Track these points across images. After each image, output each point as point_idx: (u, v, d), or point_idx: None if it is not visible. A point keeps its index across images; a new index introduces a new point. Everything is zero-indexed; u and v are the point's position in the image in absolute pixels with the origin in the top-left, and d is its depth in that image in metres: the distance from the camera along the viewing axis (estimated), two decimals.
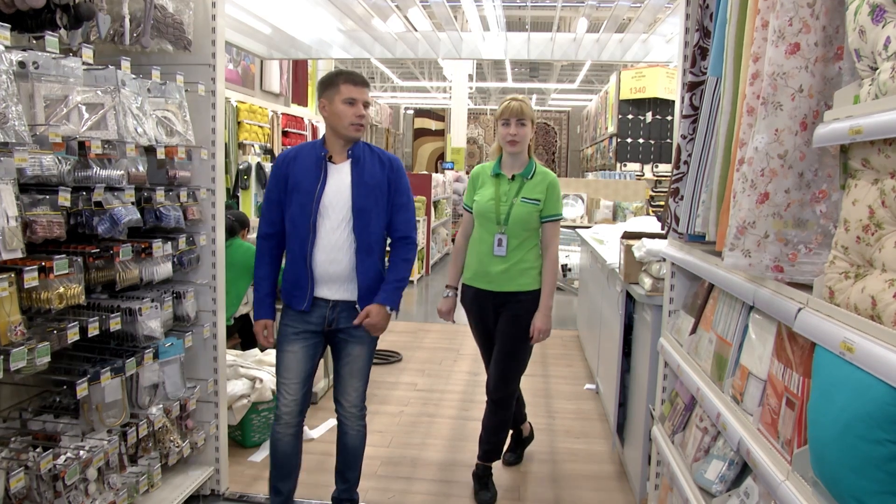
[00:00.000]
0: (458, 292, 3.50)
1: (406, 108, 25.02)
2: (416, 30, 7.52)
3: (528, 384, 5.29)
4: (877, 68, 1.30)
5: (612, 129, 13.95)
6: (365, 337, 2.96)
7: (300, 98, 10.09)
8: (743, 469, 2.12)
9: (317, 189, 2.80)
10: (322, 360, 5.10)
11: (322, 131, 14.17)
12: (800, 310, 1.51)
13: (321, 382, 4.88)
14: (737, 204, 1.72)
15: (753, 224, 1.67)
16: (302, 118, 9.45)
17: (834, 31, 1.61)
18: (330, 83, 2.81)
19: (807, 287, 1.59)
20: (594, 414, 4.72)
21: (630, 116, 12.91)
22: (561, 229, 3.44)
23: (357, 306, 2.90)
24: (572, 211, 10.08)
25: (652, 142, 12.78)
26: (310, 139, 13.84)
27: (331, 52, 7.50)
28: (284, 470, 3.02)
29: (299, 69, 9.94)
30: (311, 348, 2.95)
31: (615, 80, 13.63)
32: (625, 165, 13.01)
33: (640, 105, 12.76)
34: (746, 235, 1.68)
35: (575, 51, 7.17)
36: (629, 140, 12.99)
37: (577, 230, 7.11)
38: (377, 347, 3.12)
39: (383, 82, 20.29)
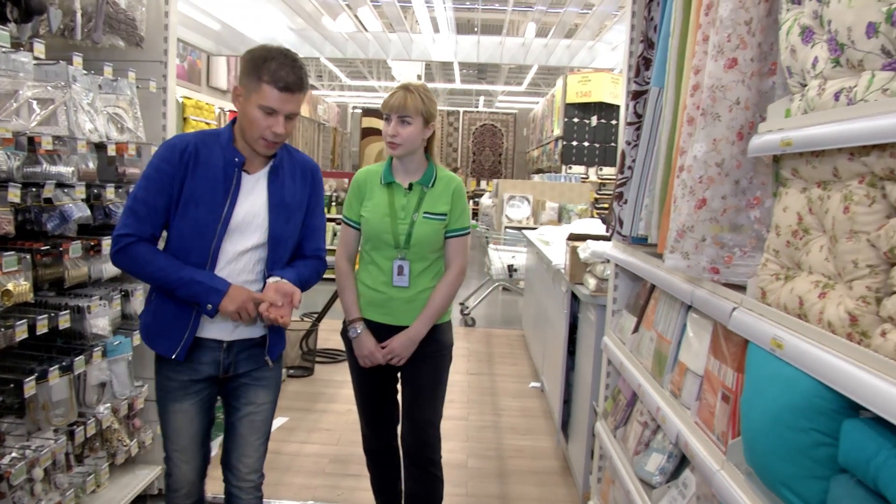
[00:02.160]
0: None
1: (354, 108, 24.95)
2: (366, 30, 7.54)
3: (473, 382, 5.41)
4: (806, 85, 1.40)
5: (557, 131, 14.15)
6: (272, 380, 2.38)
7: None
8: (681, 461, 2.23)
9: (224, 208, 2.14)
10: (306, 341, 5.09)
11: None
12: (734, 309, 1.61)
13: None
14: (677, 209, 1.82)
15: (692, 228, 1.77)
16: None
17: (769, 47, 1.71)
18: (253, 69, 2.09)
19: (741, 288, 1.69)
20: (539, 411, 4.82)
21: (576, 120, 13.11)
22: (508, 230, 3.33)
23: (266, 340, 2.31)
24: (518, 212, 10.22)
25: (597, 145, 13.02)
26: None
27: None
28: None
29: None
30: (204, 401, 2.30)
31: (561, 84, 13.83)
32: (570, 168, 13.22)
33: (585, 109, 12.99)
34: (685, 239, 1.78)
35: (524, 55, 7.32)
36: (574, 143, 13.20)
37: (523, 231, 7.23)
38: (324, 348, 2.93)
39: (331, 80, 20.20)
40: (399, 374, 2.75)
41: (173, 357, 2.18)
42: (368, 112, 21.80)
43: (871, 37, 1.17)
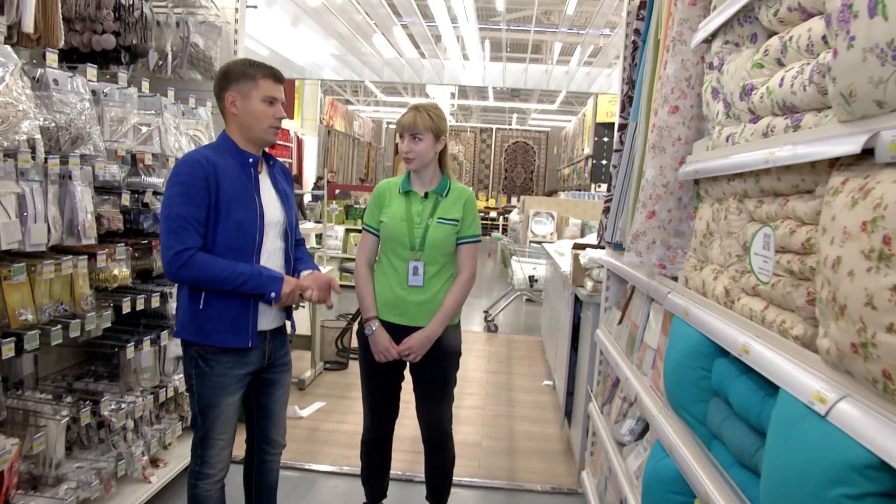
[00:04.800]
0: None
1: (388, 123, 25.64)
2: (402, 55, 8.19)
3: (492, 379, 5.96)
4: (714, 129, 1.96)
5: (588, 150, 14.57)
6: (290, 364, 2.74)
7: (286, 111, 10.70)
8: (647, 425, 2.76)
9: (256, 204, 2.42)
10: (316, 337, 5.66)
11: (308, 144, 14.59)
12: (668, 293, 2.16)
13: (307, 372, 5.48)
14: (633, 218, 2.37)
15: (644, 233, 2.32)
16: (287, 130, 10.00)
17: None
18: (243, 75, 2.38)
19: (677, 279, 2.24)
20: (549, 405, 5.35)
21: (606, 139, 13.38)
22: (532, 244, 3.58)
23: (287, 327, 2.68)
24: (543, 228, 10.78)
25: None
26: (294, 151, 14.41)
27: (322, 74, 8.14)
28: None
29: (286, 84, 10.56)
30: (244, 394, 2.59)
31: (592, 104, 14.29)
32: (599, 186, 13.54)
33: (615, 128, 13.38)
34: (639, 241, 2.33)
35: (546, 80, 7.86)
36: (604, 162, 13.47)
37: (544, 245, 7.77)
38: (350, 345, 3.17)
39: (367, 97, 20.91)
40: (407, 372, 3.00)
41: (249, 346, 2.43)
42: None
43: (742, 100, 1.72)
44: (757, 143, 1.58)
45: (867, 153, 1.06)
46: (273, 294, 2.41)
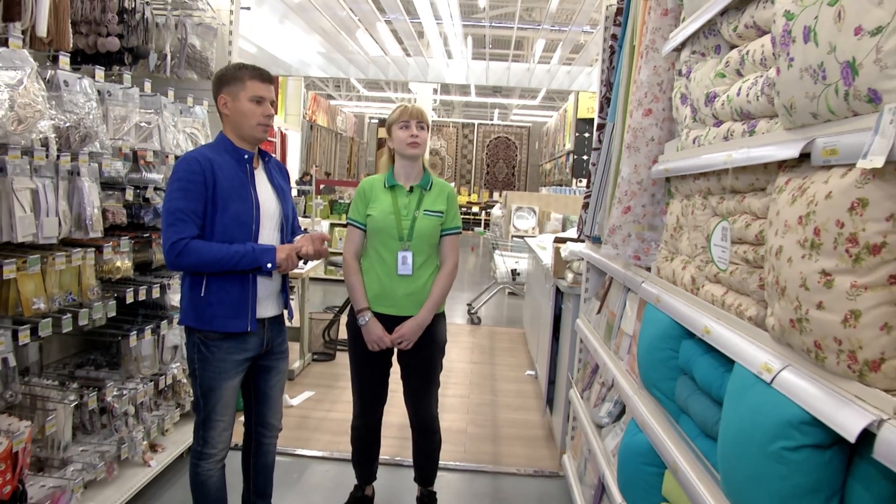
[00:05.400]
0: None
1: (370, 118, 25.73)
2: (387, 53, 8.33)
3: (475, 369, 6.14)
4: (682, 131, 2.13)
5: (569, 146, 14.74)
6: (287, 351, 2.91)
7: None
8: (624, 408, 2.94)
9: (252, 197, 2.59)
10: (304, 329, 5.81)
11: (292, 139, 14.71)
12: (642, 282, 2.34)
13: (297, 363, 5.62)
14: (610, 213, 2.55)
15: (620, 227, 2.50)
16: (271, 126, 10.10)
17: None
18: (233, 78, 2.57)
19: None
20: (532, 394, 5.53)
21: (587, 134, 13.47)
22: (515, 239, 3.74)
23: (285, 315, 2.86)
24: (525, 223, 10.97)
25: None
26: (278, 146, 14.50)
27: (309, 71, 8.25)
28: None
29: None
30: (243, 378, 2.76)
31: (573, 100, 14.47)
32: (580, 181, 13.71)
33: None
34: (615, 234, 2.50)
35: (528, 79, 8.03)
36: (585, 157, 13.59)
37: (525, 239, 7.95)
38: (344, 338, 3.20)
39: (349, 91, 21.00)
40: (396, 360, 3.15)
41: (248, 330, 2.59)
42: (385, 123, 22.54)
43: (707, 106, 1.90)
44: (718, 145, 1.76)
45: (806, 157, 1.24)
46: (269, 264, 2.56)
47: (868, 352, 1.05)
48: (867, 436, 1.01)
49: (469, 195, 23.86)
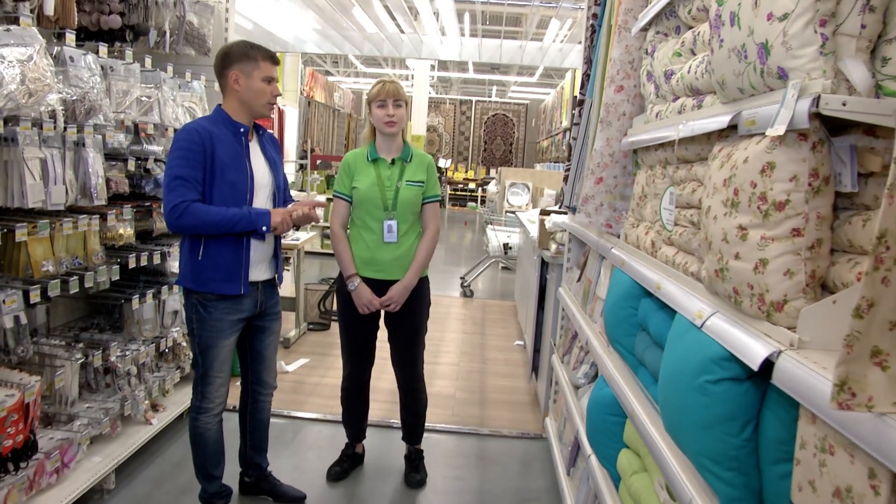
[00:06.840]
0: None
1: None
2: (381, 30, 8.44)
3: (466, 339, 6.32)
4: (647, 106, 2.29)
5: (566, 123, 14.82)
6: (280, 313, 3.08)
7: None
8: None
9: (247, 168, 2.74)
10: (300, 299, 5.99)
11: (290, 115, 14.81)
12: (612, 248, 2.51)
13: (292, 332, 5.81)
14: (583, 183, 2.71)
15: (593, 197, 2.66)
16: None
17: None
18: (245, 55, 2.71)
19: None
20: (520, 362, 5.73)
21: None
22: (508, 214, 3.87)
23: (276, 281, 3.01)
24: (519, 199, 11.12)
25: None
26: (276, 122, 14.60)
27: (305, 48, 8.36)
28: (217, 456, 3.00)
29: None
30: (238, 337, 2.92)
31: (570, 78, 14.55)
32: None
33: None
34: (589, 203, 2.67)
35: (521, 56, 8.15)
36: None
37: (518, 214, 8.11)
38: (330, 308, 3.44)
39: (346, 67, 21.02)
40: (383, 323, 3.32)
41: (241, 293, 2.75)
42: None
43: (667, 82, 2.06)
44: (673, 118, 1.92)
45: (735, 128, 1.40)
46: (264, 227, 2.72)
47: (774, 294, 1.22)
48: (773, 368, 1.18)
49: (466, 172, 23.96)
